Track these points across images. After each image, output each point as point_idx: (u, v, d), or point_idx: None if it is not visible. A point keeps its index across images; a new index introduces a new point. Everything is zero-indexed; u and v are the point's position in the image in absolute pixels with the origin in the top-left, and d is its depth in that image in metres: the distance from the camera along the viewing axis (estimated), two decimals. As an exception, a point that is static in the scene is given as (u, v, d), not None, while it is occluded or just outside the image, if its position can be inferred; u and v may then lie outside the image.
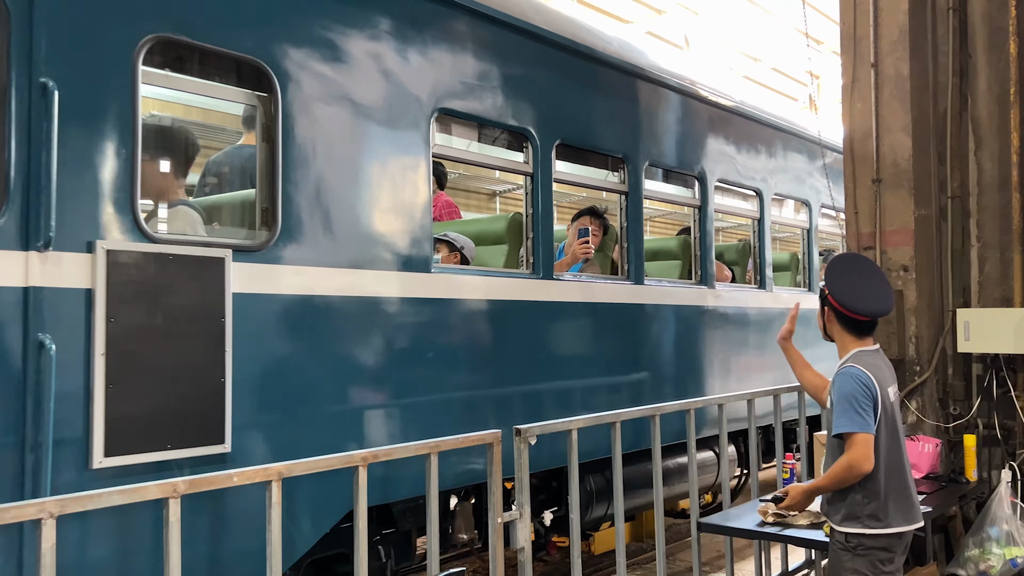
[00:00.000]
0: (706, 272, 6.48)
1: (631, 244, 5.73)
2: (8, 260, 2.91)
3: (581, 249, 5.59)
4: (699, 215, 6.42)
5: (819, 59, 17.12)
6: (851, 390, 3.36)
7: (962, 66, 5.05)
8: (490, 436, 3.58)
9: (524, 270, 5.00)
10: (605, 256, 6.07)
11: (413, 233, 4.27)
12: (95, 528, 3.03)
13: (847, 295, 3.51)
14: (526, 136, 4.97)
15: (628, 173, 5.73)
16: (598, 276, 5.72)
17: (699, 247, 6.45)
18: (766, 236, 7.20)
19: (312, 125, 3.85)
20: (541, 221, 5.01)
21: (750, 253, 7.39)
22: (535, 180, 4.99)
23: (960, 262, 5.03)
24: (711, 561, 6.28)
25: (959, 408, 4.96)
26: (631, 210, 5.76)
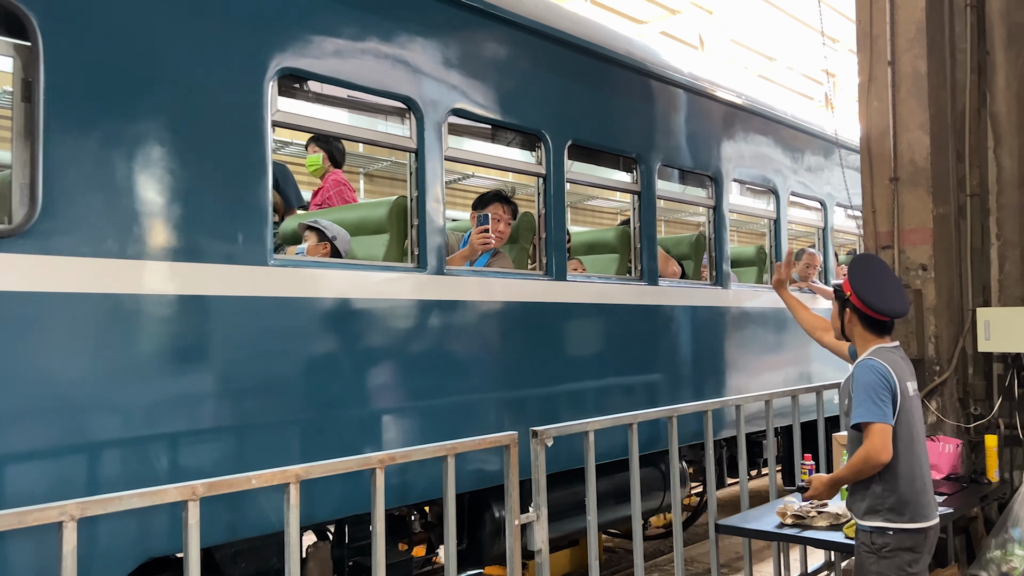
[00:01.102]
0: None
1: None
2: None
3: (479, 239, 4.71)
4: (639, 203, 5.75)
5: (835, 57, 17.01)
6: (869, 381, 3.40)
7: (980, 63, 5.01)
8: (507, 438, 3.58)
9: (409, 263, 4.24)
10: (521, 248, 5.29)
11: (239, 217, 3.50)
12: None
13: (872, 296, 3.55)
14: (409, 107, 4.28)
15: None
16: (512, 271, 4.94)
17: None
18: (724, 228, 6.43)
19: (89, 82, 3.12)
20: (427, 206, 4.29)
21: (704, 247, 6.66)
22: (420, 157, 4.28)
23: (980, 261, 4.99)
24: (729, 563, 6.25)
25: (980, 408, 4.92)
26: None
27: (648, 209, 5.70)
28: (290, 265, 3.74)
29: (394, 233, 4.47)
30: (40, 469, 2.92)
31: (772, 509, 4.39)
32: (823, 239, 7.84)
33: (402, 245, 4.41)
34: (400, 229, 4.43)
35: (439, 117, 4.34)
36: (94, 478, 3.02)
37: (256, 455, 3.44)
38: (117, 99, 3.19)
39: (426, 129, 4.28)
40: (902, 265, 5.00)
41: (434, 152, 4.31)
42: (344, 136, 4.94)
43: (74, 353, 3.03)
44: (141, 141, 3.25)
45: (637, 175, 5.68)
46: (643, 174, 5.68)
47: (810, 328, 4.46)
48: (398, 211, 4.44)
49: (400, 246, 4.42)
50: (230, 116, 3.51)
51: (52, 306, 2.97)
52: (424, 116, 4.26)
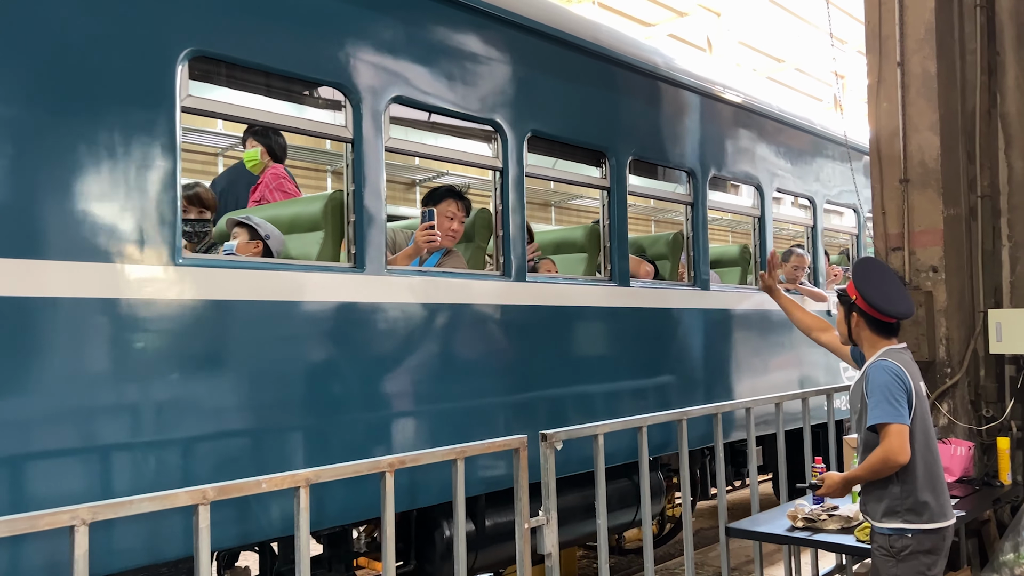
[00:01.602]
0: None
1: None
2: None
3: (424, 237, 4.30)
4: (609, 199, 5.38)
5: (844, 59, 16.97)
6: (885, 382, 3.39)
7: (990, 63, 4.99)
8: (516, 442, 3.58)
9: (345, 263, 3.96)
10: (477, 247, 4.96)
11: (139, 212, 3.18)
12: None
13: (878, 298, 3.55)
14: (345, 94, 3.98)
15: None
16: (464, 271, 4.59)
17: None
18: (703, 226, 6.08)
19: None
20: (365, 200, 3.98)
21: (682, 246, 6.28)
22: (357, 148, 3.97)
23: (991, 262, 4.97)
24: (740, 566, 6.23)
25: (992, 410, 4.89)
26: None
27: (619, 206, 5.37)
28: (203, 265, 3.40)
29: (329, 230, 4.13)
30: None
31: (783, 512, 4.37)
32: (812, 238, 7.46)
33: (338, 243, 4.10)
34: (336, 226, 4.10)
35: (379, 105, 4.01)
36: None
37: (150, 476, 3.13)
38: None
39: (364, 118, 3.95)
40: (912, 267, 4.98)
41: (373, 142, 3.99)
42: (266, 124, 4.43)
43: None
44: (16, 124, 2.91)
45: (606, 169, 5.34)
46: (613, 168, 5.33)
47: (806, 328, 4.46)
48: (333, 207, 4.10)
49: (336, 244, 4.11)
50: (131, 100, 3.18)
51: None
52: (361, 104, 3.94)
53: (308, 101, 4.03)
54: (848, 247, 8.32)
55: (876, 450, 3.37)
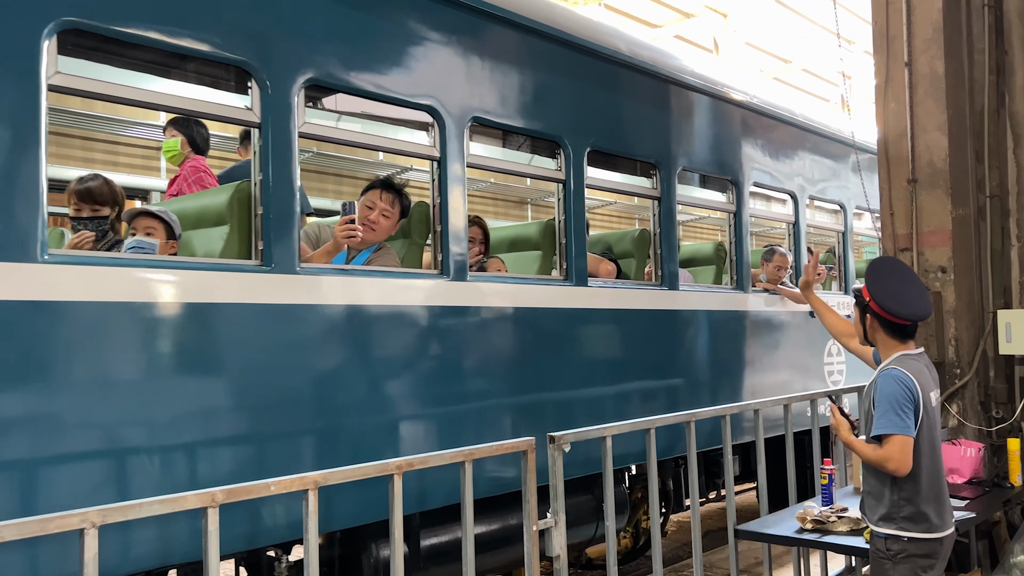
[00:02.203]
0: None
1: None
2: None
3: (343, 231, 3.93)
4: (564, 192, 5.04)
5: (851, 59, 16.92)
6: (892, 392, 3.36)
7: (998, 63, 4.97)
8: (524, 444, 3.57)
9: (252, 260, 3.60)
10: (413, 243, 4.61)
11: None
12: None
13: (891, 300, 3.51)
14: (251, 74, 3.60)
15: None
16: (395, 270, 4.19)
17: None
18: (672, 222, 5.73)
19: None
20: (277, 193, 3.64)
21: (649, 243, 5.90)
22: (264, 133, 3.62)
23: (1000, 262, 4.95)
24: (749, 568, 6.21)
25: (1002, 411, 4.87)
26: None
27: (576, 200, 5.01)
28: (76, 263, 3.08)
29: (235, 225, 3.70)
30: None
31: (791, 514, 4.36)
32: (794, 235, 7.12)
33: (245, 239, 3.69)
34: (243, 220, 3.68)
35: (290, 87, 3.69)
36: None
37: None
38: None
39: (274, 99, 3.61)
40: (921, 268, 4.97)
41: (284, 127, 3.64)
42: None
43: None
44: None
45: (562, 161, 5.01)
46: (569, 160, 5.00)
47: (836, 333, 4.46)
48: (240, 199, 3.70)
49: (243, 240, 3.69)
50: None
51: None
52: (268, 84, 3.60)
53: (208, 82, 3.66)
54: (835, 244, 8.01)
55: (880, 450, 3.36)
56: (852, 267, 7.89)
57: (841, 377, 7.37)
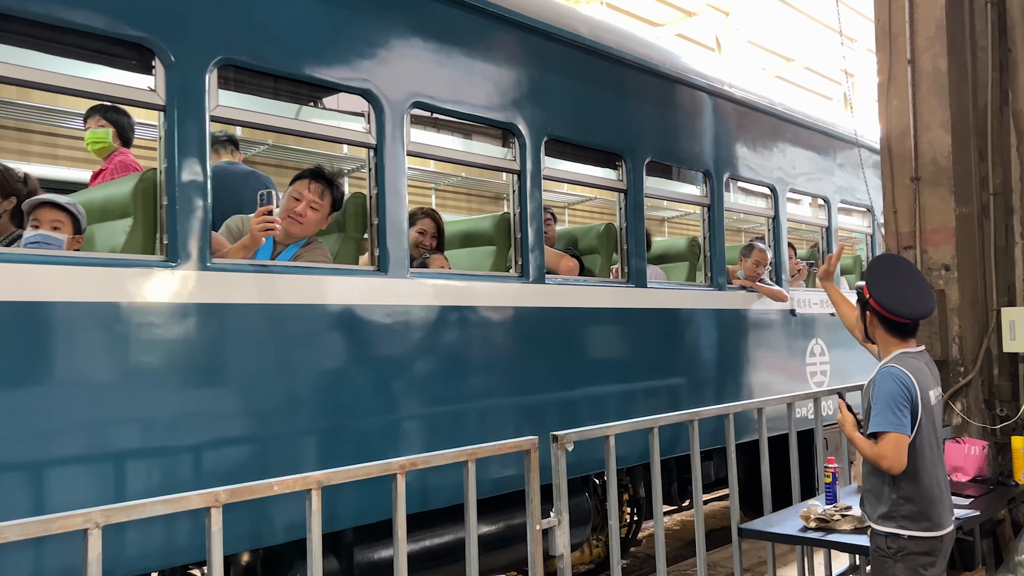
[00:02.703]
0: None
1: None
2: None
3: (259, 224, 3.60)
4: (520, 184, 5.07)
5: (854, 57, 16.91)
6: (889, 390, 3.36)
7: (1001, 60, 4.96)
8: (527, 443, 3.57)
9: (156, 256, 3.33)
10: (348, 238, 4.30)
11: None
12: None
13: (890, 298, 3.50)
14: (156, 53, 3.30)
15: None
16: (323, 266, 3.90)
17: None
18: (639, 216, 5.42)
19: None
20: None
21: (615, 238, 5.57)
22: (170, 116, 3.33)
23: (1003, 260, 4.94)
24: (753, 567, 6.20)
25: (1006, 409, 4.86)
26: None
27: (532, 192, 4.72)
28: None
29: (139, 217, 3.44)
30: None
31: (795, 512, 4.35)
32: (774, 230, 6.80)
33: (151, 233, 3.42)
34: (148, 212, 3.41)
35: (199, 65, 3.41)
36: None
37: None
38: None
39: (181, 80, 3.35)
40: (924, 266, 4.96)
41: (191, 110, 3.37)
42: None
43: None
44: None
45: (517, 150, 4.69)
46: (525, 149, 4.69)
47: (850, 326, 4.36)
48: (144, 189, 3.42)
49: (148, 234, 3.43)
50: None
51: None
52: (175, 64, 3.33)
53: (106, 61, 3.34)
54: (818, 240, 7.73)
55: (875, 448, 3.37)
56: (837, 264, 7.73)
57: (825, 378, 7.14)
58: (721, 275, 6.14)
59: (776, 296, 6.57)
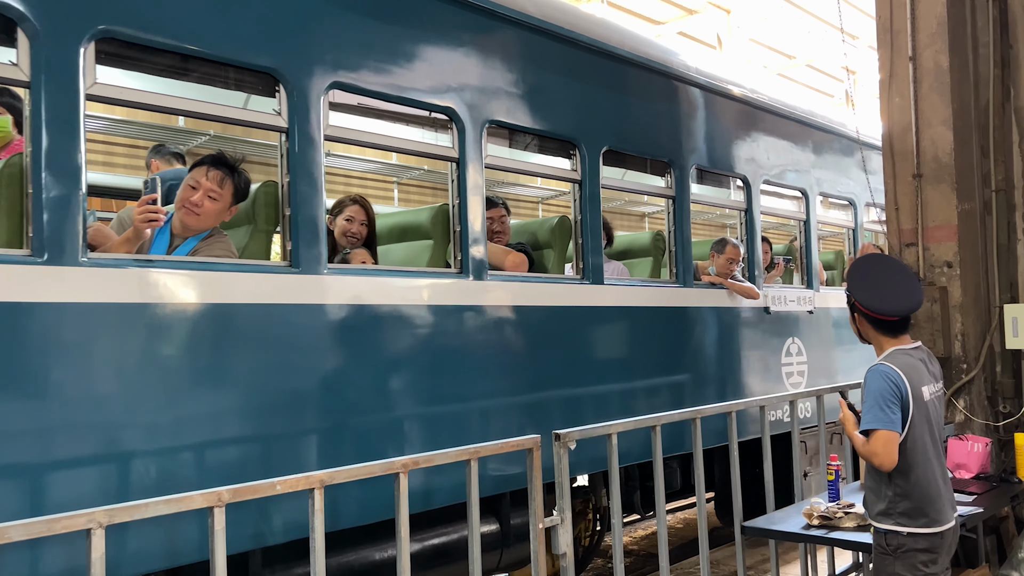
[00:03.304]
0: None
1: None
2: None
3: (141, 215, 3.30)
4: (458, 173, 4.38)
5: (855, 54, 16.89)
6: (877, 387, 3.39)
7: (1003, 57, 4.95)
8: (529, 441, 3.57)
9: (22, 251, 3.00)
10: (259, 231, 3.97)
11: None
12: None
13: (870, 297, 3.55)
14: (15, 21, 2.99)
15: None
16: (227, 262, 3.58)
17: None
18: (595, 209, 5.09)
19: None
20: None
21: (570, 232, 5.25)
22: (35, 96, 3.01)
23: (1006, 257, 4.93)
24: (755, 565, 6.20)
25: (1009, 406, 4.85)
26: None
27: (473, 181, 4.39)
28: None
29: (3, 207, 3.10)
30: None
31: (798, 510, 4.35)
32: (747, 223, 6.47)
33: (16, 224, 3.08)
34: (12, 203, 3.08)
35: (71, 41, 3.09)
36: None
37: None
38: None
39: (50, 54, 3.02)
40: (927, 262, 4.95)
41: (64, 87, 3.05)
42: None
43: None
44: None
45: (455, 137, 4.37)
46: (464, 135, 4.37)
47: None
48: (10, 176, 3.09)
49: (12, 225, 3.09)
50: None
51: None
52: (42, 34, 3.02)
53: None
54: (795, 235, 7.42)
55: (866, 445, 3.39)
56: (816, 259, 7.25)
57: (802, 379, 6.86)
58: (688, 271, 5.83)
59: (748, 293, 6.30)
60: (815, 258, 7.26)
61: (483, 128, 4.51)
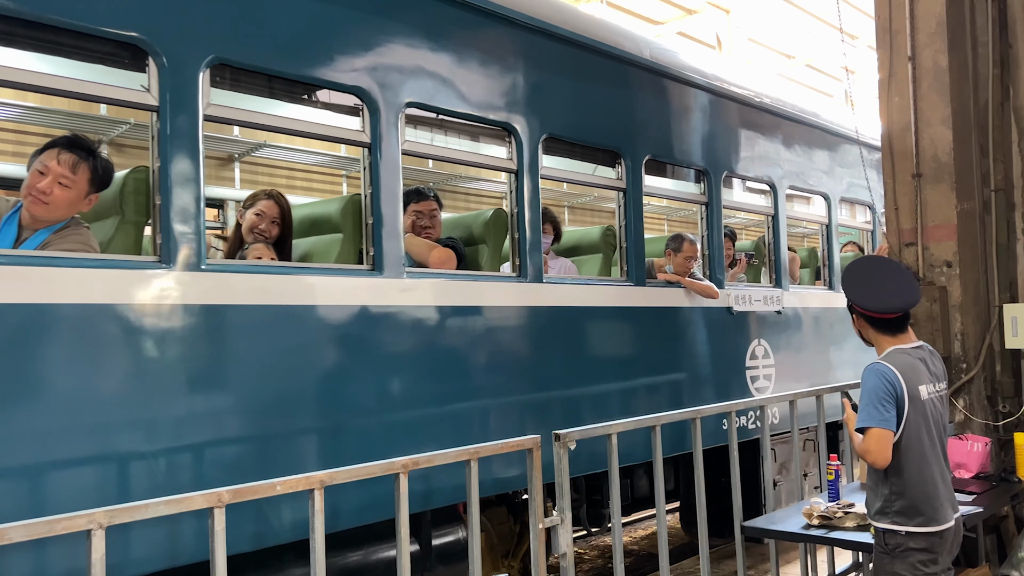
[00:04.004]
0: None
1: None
2: None
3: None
4: (370, 160, 4.27)
5: (854, 54, 16.90)
6: (872, 386, 3.41)
7: (1002, 56, 4.96)
8: (529, 442, 3.57)
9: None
10: (127, 223, 3.55)
11: None
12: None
13: (865, 296, 3.58)
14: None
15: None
16: (84, 257, 3.14)
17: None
18: (533, 201, 4.68)
19: None
20: None
21: (505, 229, 4.84)
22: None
23: (1005, 256, 4.93)
24: (755, 565, 6.20)
25: (1008, 405, 4.86)
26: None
27: (387, 170, 3.99)
28: None
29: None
30: None
31: (798, 510, 4.36)
32: (708, 218, 6.03)
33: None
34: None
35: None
36: None
37: None
38: None
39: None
40: (926, 262, 4.95)
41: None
42: None
43: None
44: None
45: (367, 120, 3.97)
46: (378, 119, 3.97)
47: None
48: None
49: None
50: None
51: None
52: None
53: None
54: (764, 231, 6.93)
55: (860, 444, 3.41)
56: (785, 256, 6.82)
57: (769, 383, 6.35)
58: (641, 269, 5.37)
59: (706, 292, 5.82)
60: (784, 255, 6.78)
61: (401, 113, 4.07)
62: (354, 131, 3.99)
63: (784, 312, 6.65)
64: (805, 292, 7.09)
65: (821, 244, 7.58)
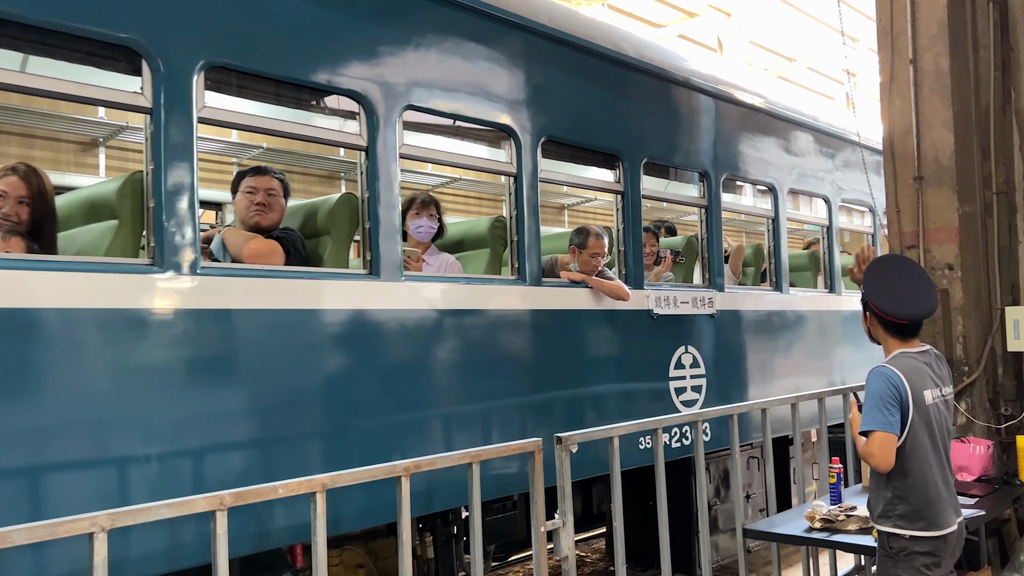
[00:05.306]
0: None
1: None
2: None
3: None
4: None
5: (856, 57, 16.91)
6: (876, 389, 3.39)
7: (1004, 59, 4.96)
8: (531, 445, 3.58)
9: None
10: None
11: None
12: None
13: (886, 299, 3.52)
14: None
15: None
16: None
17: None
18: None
19: None
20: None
21: (356, 218, 4.06)
22: None
23: (1007, 259, 4.94)
24: (757, 567, 6.20)
25: (1011, 408, 4.85)
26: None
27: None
28: None
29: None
30: None
31: (800, 513, 4.36)
32: (624, 209, 5.36)
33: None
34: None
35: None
36: None
37: None
38: None
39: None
40: (928, 265, 4.95)
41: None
42: None
43: None
44: None
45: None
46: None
47: None
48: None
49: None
50: None
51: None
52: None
53: None
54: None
55: (863, 447, 3.39)
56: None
57: (699, 395, 5.66)
58: (536, 266, 4.71)
59: (615, 292, 5.11)
60: (717, 252, 6.07)
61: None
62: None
63: (718, 316, 5.90)
64: (745, 293, 6.28)
65: (767, 240, 6.75)
